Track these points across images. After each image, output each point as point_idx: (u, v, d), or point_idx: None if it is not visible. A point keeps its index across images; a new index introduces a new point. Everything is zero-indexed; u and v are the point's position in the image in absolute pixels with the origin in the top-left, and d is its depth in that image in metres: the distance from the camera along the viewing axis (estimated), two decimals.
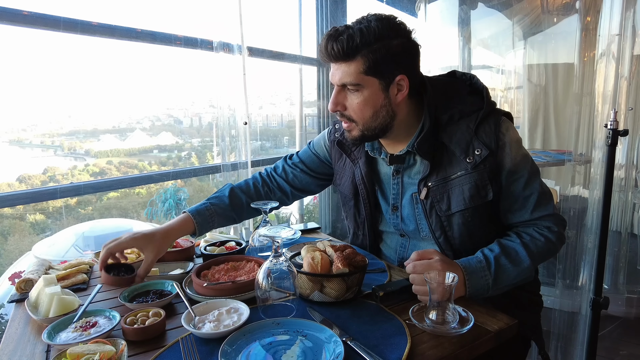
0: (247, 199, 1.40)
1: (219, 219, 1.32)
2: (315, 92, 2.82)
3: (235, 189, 1.40)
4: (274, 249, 0.97)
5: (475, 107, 1.16)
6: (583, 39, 2.78)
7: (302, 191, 1.49)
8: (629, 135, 2.24)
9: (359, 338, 0.85)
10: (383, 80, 1.09)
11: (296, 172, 1.46)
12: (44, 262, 1.25)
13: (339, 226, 3.03)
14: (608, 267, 2.69)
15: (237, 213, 1.38)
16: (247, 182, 1.45)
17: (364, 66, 1.06)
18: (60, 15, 1.51)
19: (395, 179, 1.26)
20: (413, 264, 1.03)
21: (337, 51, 1.06)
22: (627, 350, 2.42)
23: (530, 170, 1.16)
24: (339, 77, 1.10)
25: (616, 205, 2.74)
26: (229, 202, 1.36)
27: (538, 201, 1.15)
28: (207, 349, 0.84)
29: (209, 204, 1.33)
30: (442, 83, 1.21)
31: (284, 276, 0.98)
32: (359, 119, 1.13)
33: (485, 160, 1.11)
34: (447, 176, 1.15)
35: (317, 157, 1.46)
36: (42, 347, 0.88)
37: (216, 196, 1.38)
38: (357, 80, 1.08)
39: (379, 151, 1.26)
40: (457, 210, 1.14)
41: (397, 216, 1.27)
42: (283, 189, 1.46)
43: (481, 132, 1.13)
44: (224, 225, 1.38)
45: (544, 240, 1.14)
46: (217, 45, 1.93)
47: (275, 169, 1.49)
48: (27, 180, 3.56)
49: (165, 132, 4.51)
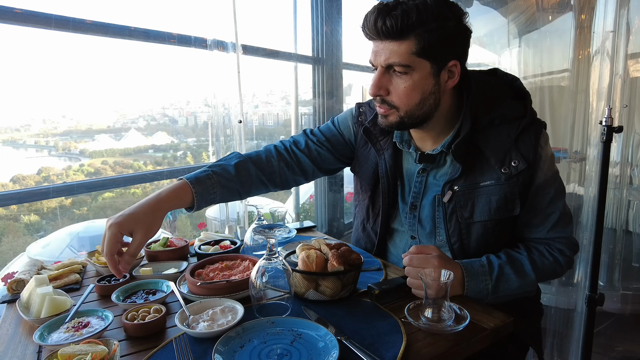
0: (258, 172, 1.20)
1: (222, 191, 1.11)
2: (311, 91, 2.81)
3: (245, 159, 1.20)
4: (269, 248, 0.96)
5: (517, 113, 1.09)
6: (578, 37, 2.79)
7: (324, 171, 1.34)
8: (624, 132, 2.25)
9: (355, 337, 0.85)
10: (435, 64, 1.01)
11: (321, 150, 1.30)
12: (36, 263, 1.23)
13: (334, 225, 3.02)
14: (603, 264, 2.70)
15: (243, 187, 1.18)
16: (258, 154, 1.25)
17: (417, 47, 0.97)
18: (51, 13, 1.49)
19: (419, 177, 1.19)
20: (410, 256, 1.03)
21: (389, 28, 0.96)
22: (622, 347, 2.43)
23: (558, 188, 1.12)
24: (385, 56, 1.00)
25: (611, 202, 2.74)
26: (235, 172, 1.15)
27: (558, 221, 1.12)
28: (201, 348, 0.83)
29: (211, 172, 1.10)
30: (485, 81, 1.14)
31: (279, 275, 0.97)
32: (402, 105, 1.04)
33: (520, 173, 1.06)
34: (476, 183, 1.09)
35: (342, 137, 1.33)
36: (34, 348, 0.87)
37: (219, 164, 1.16)
38: (407, 62, 0.98)
39: (408, 144, 1.18)
40: (480, 220, 1.10)
41: (414, 216, 1.21)
42: (304, 166, 1.29)
43: (521, 143, 1.07)
44: (225, 201, 1.17)
45: (552, 260, 1.11)
46: (211, 43, 1.91)
47: (295, 143, 1.30)
48: (21, 181, 3.53)
49: (160, 132, 4.49)
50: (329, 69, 2.76)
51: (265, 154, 1.25)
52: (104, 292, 1.08)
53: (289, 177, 1.27)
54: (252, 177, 1.19)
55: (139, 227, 0.94)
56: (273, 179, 1.24)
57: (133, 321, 0.89)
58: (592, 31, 2.33)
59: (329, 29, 2.68)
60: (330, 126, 1.35)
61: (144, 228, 0.95)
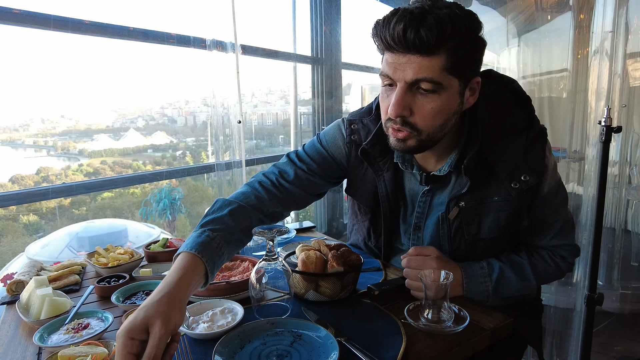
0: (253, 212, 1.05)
1: (227, 248, 0.93)
2: (310, 91, 2.81)
3: (237, 204, 1.03)
4: (268, 249, 0.96)
5: (523, 123, 1.02)
6: (577, 37, 2.79)
7: (316, 196, 1.21)
8: (623, 132, 2.25)
9: (354, 337, 0.85)
10: (462, 82, 0.91)
11: (312, 178, 1.16)
12: (35, 264, 1.23)
13: (334, 225, 3.03)
14: (602, 264, 2.70)
15: (245, 234, 1.02)
16: (245, 195, 1.07)
17: (449, 62, 0.86)
18: (50, 14, 1.49)
19: (424, 197, 1.11)
20: (408, 258, 1.02)
21: (423, 40, 0.83)
22: (621, 346, 2.43)
23: (561, 196, 1.09)
24: (413, 72, 0.86)
25: (610, 202, 2.75)
26: (233, 222, 0.98)
27: (561, 229, 1.09)
28: (201, 349, 0.83)
29: (209, 231, 0.92)
30: (488, 88, 1.04)
31: (279, 276, 0.97)
32: (426, 128, 0.92)
33: (531, 188, 1.00)
34: (484, 198, 1.02)
35: (332, 159, 1.18)
36: (33, 349, 0.86)
37: (213, 219, 0.97)
38: (439, 78, 0.87)
39: (410, 164, 1.09)
40: (488, 237, 1.05)
41: (418, 237, 1.14)
42: (296, 198, 1.14)
43: (529, 156, 1.00)
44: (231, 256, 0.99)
45: (553, 266, 1.09)
46: (210, 44, 1.91)
47: (282, 175, 1.14)
48: (20, 181, 3.52)
49: (159, 132, 4.49)
50: (328, 68, 2.76)
51: (254, 194, 1.09)
52: (104, 293, 1.08)
53: (284, 213, 1.15)
54: (251, 219, 1.04)
55: (153, 319, 0.70)
56: (267, 215, 1.10)
57: None
58: (591, 31, 2.33)
59: (328, 29, 2.68)
60: (318, 148, 1.19)
61: (160, 318, 0.70)
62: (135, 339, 0.68)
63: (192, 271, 0.82)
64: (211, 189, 1.30)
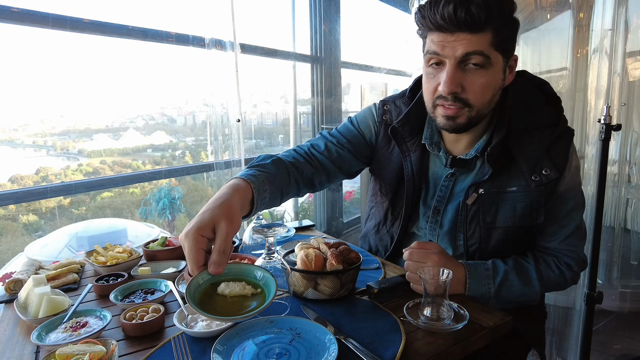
0: (292, 169, 1.11)
1: (270, 189, 0.98)
2: (310, 90, 2.81)
3: (277, 157, 1.09)
4: (268, 247, 0.96)
5: (551, 120, 1.06)
6: (576, 35, 2.78)
7: (345, 173, 1.25)
8: (622, 131, 2.26)
9: (353, 335, 0.85)
10: (505, 58, 0.97)
11: (342, 152, 1.21)
12: (33, 262, 1.23)
13: (333, 224, 3.02)
14: (602, 262, 2.70)
15: (284, 185, 1.06)
16: (285, 156, 1.14)
17: (495, 39, 0.92)
18: (49, 12, 1.49)
19: (447, 181, 1.14)
20: (410, 250, 1.03)
21: (474, 17, 0.88)
22: (621, 345, 2.43)
23: (578, 201, 1.10)
24: (464, 47, 0.91)
25: (610, 200, 2.74)
26: (275, 170, 1.04)
27: (572, 234, 1.10)
28: (200, 348, 0.83)
29: (255, 170, 0.99)
30: (520, 85, 1.09)
31: (278, 274, 0.97)
32: (477, 103, 0.97)
33: (550, 182, 1.03)
34: (503, 187, 1.06)
35: (362, 138, 1.25)
36: (32, 348, 0.86)
37: (257, 164, 1.04)
38: (488, 52, 0.92)
39: (438, 146, 1.13)
40: (502, 226, 1.07)
41: (436, 220, 1.16)
42: (328, 170, 1.19)
43: (553, 151, 1.03)
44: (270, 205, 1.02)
45: (557, 274, 1.09)
46: (209, 42, 1.91)
47: (314, 146, 1.21)
48: (19, 181, 3.52)
49: (159, 131, 4.48)
50: (327, 67, 2.76)
51: (292, 156, 1.16)
52: (102, 292, 1.08)
53: (314, 177, 1.18)
54: (289, 174, 1.10)
55: (219, 218, 0.77)
56: (303, 178, 1.15)
57: (131, 321, 0.89)
58: (591, 29, 2.33)
59: (327, 28, 2.68)
60: (349, 127, 1.26)
61: (225, 217, 0.77)
62: (204, 237, 0.75)
63: (244, 192, 0.89)
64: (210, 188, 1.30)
